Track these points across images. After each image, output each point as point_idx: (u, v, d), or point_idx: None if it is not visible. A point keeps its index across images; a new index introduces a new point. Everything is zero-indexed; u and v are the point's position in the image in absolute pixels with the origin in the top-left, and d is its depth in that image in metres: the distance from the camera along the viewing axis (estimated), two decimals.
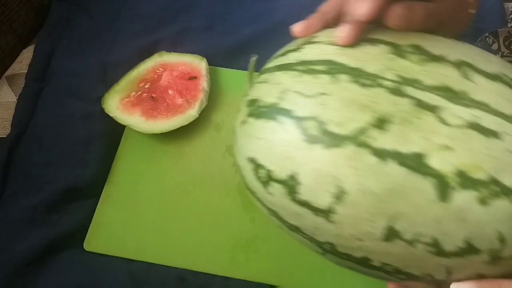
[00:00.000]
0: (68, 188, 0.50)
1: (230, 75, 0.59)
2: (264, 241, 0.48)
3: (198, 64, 0.57)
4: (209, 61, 0.58)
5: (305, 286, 0.46)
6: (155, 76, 0.56)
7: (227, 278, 0.46)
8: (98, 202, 0.51)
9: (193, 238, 0.48)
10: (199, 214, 0.50)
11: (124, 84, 0.55)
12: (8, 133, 0.55)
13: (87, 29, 0.64)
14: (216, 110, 0.56)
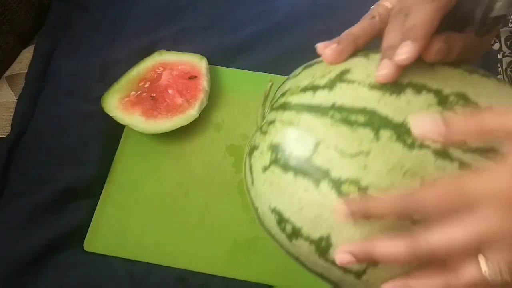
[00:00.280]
0: (68, 188, 0.50)
1: (231, 74, 0.59)
2: (264, 241, 0.48)
3: (198, 63, 0.57)
4: (209, 60, 0.58)
5: (304, 287, 0.45)
6: (155, 75, 0.56)
7: (227, 278, 0.46)
8: (98, 202, 0.50)
9: (193, 238, 0.48)
10: (199, 214, 0.49)
11: (123, 84, 0.55)
12: (8, 133, 0.55)
13: (87, 29, 0.64)
14: (216, 109, 0.56)
